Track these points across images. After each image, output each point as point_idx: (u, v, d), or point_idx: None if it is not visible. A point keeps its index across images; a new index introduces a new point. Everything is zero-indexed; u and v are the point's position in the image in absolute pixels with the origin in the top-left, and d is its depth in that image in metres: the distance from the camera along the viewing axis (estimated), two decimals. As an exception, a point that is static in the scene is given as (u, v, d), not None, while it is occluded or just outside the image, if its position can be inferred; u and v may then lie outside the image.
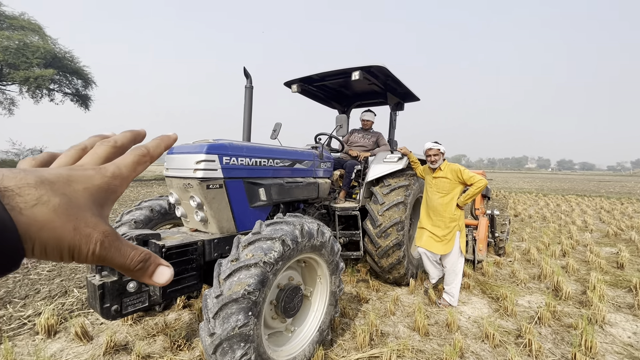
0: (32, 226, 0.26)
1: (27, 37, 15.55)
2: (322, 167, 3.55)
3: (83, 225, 0.29)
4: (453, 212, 3.24)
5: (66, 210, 0.28)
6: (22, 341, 2.55)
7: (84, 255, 0.29)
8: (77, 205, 0.29)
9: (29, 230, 0.26)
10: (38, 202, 0.26)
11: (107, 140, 0.37)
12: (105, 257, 0.30)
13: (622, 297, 3.66)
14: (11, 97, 18.18)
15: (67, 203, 0.28)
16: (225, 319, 1.68)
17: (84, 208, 0.30)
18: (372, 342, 2.65)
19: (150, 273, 0.34)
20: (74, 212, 0.29)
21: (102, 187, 0.32)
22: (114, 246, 0.31)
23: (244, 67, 3.33)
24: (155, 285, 0.38)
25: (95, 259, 0.29)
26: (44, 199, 0.27)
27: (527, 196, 15.40)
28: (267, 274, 1.81)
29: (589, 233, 7.03)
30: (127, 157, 0.35)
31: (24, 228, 0.25)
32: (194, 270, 2.27)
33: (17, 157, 19.14)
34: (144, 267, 0.33)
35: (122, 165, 0.34)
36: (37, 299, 3.25)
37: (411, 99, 4.58)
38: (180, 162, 2.38)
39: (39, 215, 0.26)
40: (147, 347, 2.51)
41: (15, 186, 0.26)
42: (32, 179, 0.27)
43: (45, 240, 0.27)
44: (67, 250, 0.28)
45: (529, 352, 2.53)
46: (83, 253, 0.29)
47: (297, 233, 2.03)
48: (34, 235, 0.26)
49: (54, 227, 0.27)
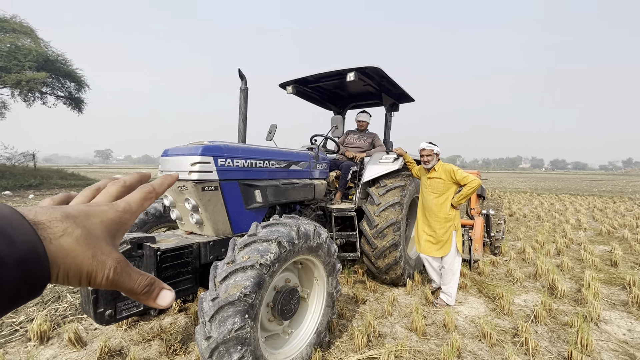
0: (59, 254, 0.30)
1: (18, 40, 15.34)
2: (318, 169, 3.55)
3: (99, 253, 0.33)
4: (448, 212, 3.25)
5: (86, 240, 0.32)
6: (14, 348, 2.50)
7: (99, 280, 0.33)
8: (95, 236, 0.33)
9: (56, 257, 0.30)
10: (64, 234, 0.31)
11: (118, 181, 0.43)
12: (117, 281, 0.34)
13: (616, 294, 3.69)
14: (2, 101, 17.92)
15: (87, 234, 0.32)
16: (222, 322, 1.67)
17: (100, 238, 0.34)
18: (370, 344, 2.64)
19: (155, 296, 0.37)
20: (92, 242, 0.33)
21: (115, 220, 0.36)
22: (124, 272, 0.35)
23: (239, 69, 3.32)
24: (158, 308, 0.42)
25: (108, 284, 0.33)
26: (69, 230, 0.31)
27: (522, 196, 15.53)
28: (264, 276, 1.80)
29: (583, 231, 7.11)
30: (136, 194, 0.41)
31: (53, 255, 0.29)
32: (190, 273, 2.25)
33: (9, 161, 18.86)
34: (149, 291, 0.37)
35: (132, 201, 0.39)
36: (29, 304, 3.19)
37: (406, 99, 4.60)
38: (174, 164, 2.36)
39: (65, 244, 0.30)
40: (143, 352, 2.48)
41: (46, 220, 0.30)
42: (59, 214, 0.31)
43: (68, 266, 0.31)
44: (86, 275, 0.32)
45: (526, 350, 2.53)
46: (99, 278, 0.32)
47: (294, 234, 2.02)
48: (59, 262, 0.30)
49: (76, 254, 0.31)
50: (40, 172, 18.26)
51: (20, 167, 18.39)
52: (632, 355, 2.51)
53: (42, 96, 17.70)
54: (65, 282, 0.31)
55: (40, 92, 17.00)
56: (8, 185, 14.37)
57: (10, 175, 15.89)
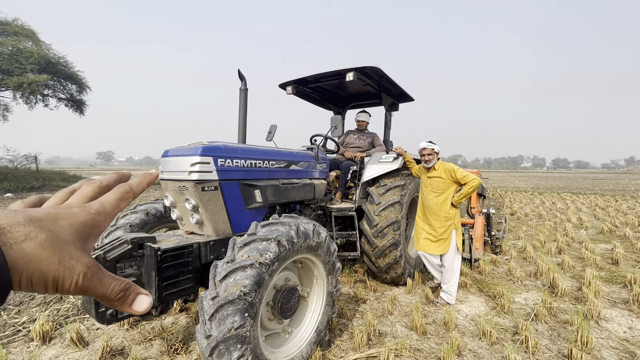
0: (20, 259, 0.28)
1: (20, 43, 15.43)
2: (317, 168, 3.56)
3: (67, 258, 0.31)
4: (448, 211, 3.26)
5: (51, 245, 0.30)
6: (17, 348, 2.52)
7: (67, 287, 0.31)
8: (62, 240, 0.31)
9: (17, 263, 0.28)
10: (26, 238, 0.29)
11: (93, 181, 0.40)
12: (88, 287, 0.32)
13: (617, 292, 3.69)
14: (5, 103, 18.02)
15: (52, 238, 0.30)
16: (222, 321, 1.68)
17: (69, 242, 0.32)
18: (370, 342, 2.65)
19: (130, 302, 0.35)
20: (59, 246, 0.31)
21: (87, 223, 0.34)
22: (96, 277, 0.33)
23: (239, 70, 3.34)
24: (133, 314, 0.41)
25: (77, 290, 0.31)
26: (32, 235, 0.29)
27: (523, 195, 15.49)
28: (263, 275, 1.81)
29: (584, 230, 7.10)
30: (111, 194, 0.38)
31: (13, 261, 0.28)
32: (190, 273, 2.26)
33: (12, 163, 18.95)
34: (124, 297, 0.35)
35: (106, 202, 0.37)
36: (31, 305, 3.21)
37: (405, 99, 4.61)
38: (175, 164, 2.38)
39: (27, 249, 0.29)
40: (144, 352, 2.49)
41: (7, 224, 0.29)
42: (21, 218, 0.30)
43: (31, 272, 0.29)
44: (52, 281, 0.30)
45: (526, 348, 2.54)
46: (66, 284, 0.31)
47: (293, 234, 2.03)
48: (21, 267, 0.28)
49: (40, 260, 0.29)
50: (43, 174, 18.34)
51: (23, 169, 18.47)
52: (633, 353, 2.51)
53: (44, 98, 17.79)
54: (30, 289, 0.30)
55: (42, 94, 17.10)
56: (10, 187, 14.43)
57: (12, 177, 15.96)
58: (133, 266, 2.14)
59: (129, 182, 0.42)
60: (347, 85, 4.41)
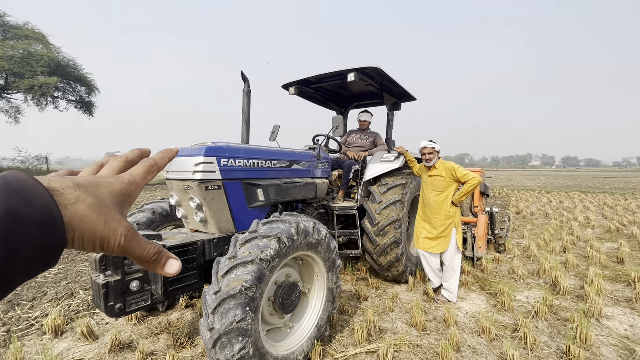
0: (74, 219, 0.31)
1: (31, 46, 15.80)
2: (319, 168, 3.62)
3: (111, 220, 0.34)
4: (448, 210, 3.29)
5: (98, 208, 0.33)
6: (30, 341, 2.63)
7: (112, 246, 0.34)
8: (105, 204, 0.35)
9: (71, 222, 0.31)
10: (77, 200, 0.32)
11: (120, 156, 0.44)
12: (128, 248, 0.35)
13: (620, 291, 3.68)
14: (16, 106, 18.46)
15: (98, 202, 0.34)
16: (224, 314, 1.75)
17: (110, 207, 0.35)
18: (370, 338, 2.70)
19: (163, 264, 0.39)
20: (104, 209, 0.34)
21: (122, 192, 0.38)
22: (134, 239, 0.36)
23: (242, 71, 3.41)
24: (166, 276, 0.46)
25: (120, 250, 0.35)
26: (82, 197, 0.32)
27: (530, 193, 15.34)
28: (264, 271, 1.88)
29: (591, 229, 7.04)
30: (139, 167, 0.42)
31: (68, 220, 0.31)
32: (195, 269, 2.34)
33: (23, 164, 19.40)
34: (157, 259, 0.38)
35: (135, 174, 0.41)
36: (44, 300, 3.34)
37: (407, 98, 4.63)
38: (179, 164, 2.46)
39: (79, 210, 0.32)
40: (151, 345, 2.58)
41: (60, 187, 0.31)
42: (71, 182, 0.33)
43: (83, 232, 0.32)
44: (99, 241, 0.33)
45: (524, 345, 2.56)
46: (111, 244, 0.34)
47: (293, 231, 2.10)
48: (74, 226, 0.31)
49: (90, 220, 0.32)
50: (53, 175, 18.73)
51: (34, 170, 18.89)
52: (632, 350, 2.52)
53: (54, 100, 18.16)
54: (80, 247, 0.32)
55: (52, 96, 17.47)
56: (22, 187, 14.76)
57: (24, 177, 16.31)
58: (140, 262, 2.23)
59: (153, 156, 0.45)
60: (349, 86, 4.46)
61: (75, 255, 4.92)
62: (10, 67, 14.66)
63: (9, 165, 19.09)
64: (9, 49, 15.02)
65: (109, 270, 2.10)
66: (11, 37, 16.03)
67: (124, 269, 2.12)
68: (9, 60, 14.61)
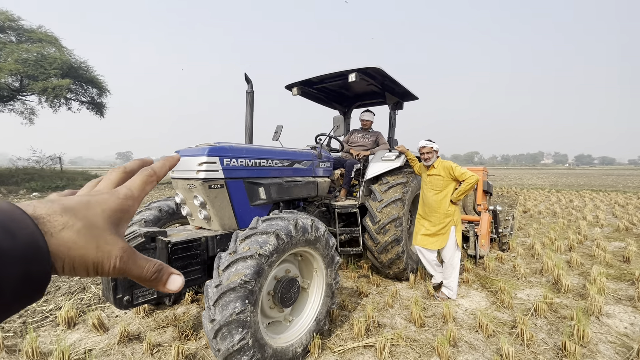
0: (61, 247, 0.30)
1: (44, 49, 16.24)
2: (321, 167, 3.69)
3: (103, 244, 0.33)
4: (447, 208, 3.33)
5: (88, 232, 0.32)
6: (45, 332, 2.78)
7: (106, 270, 0.33)
8: (97, 226, 0.33)
9: (58, 250, 0.30)
10: (64, 227, 0.31)
11: (118, 168, 0.42)
12: (125, 269, 0.34)
13: (624, 289, 3.66)
14: (31, 107, 19.00)
15: (88, 226, 0.32)
16: (224, 306, 1.84)
17: (103, 228, 0.34)
18: (369, 333, 2.77)
19: (164, 282, 0.37)
20: (95, 233, 0.33)
21: (117, 209, 0.36)
22: (131, 260, 0.35)
23: (245, 73, 3.50)
24: (169, 293, 0.48)
25: (116, 272, 0.34)
26: (69, 223, 0.31)
27: (539, 192, 15.14)
28: (263, 266, 1.96)
29: (599, 228, 6.95)
30: (136, 178, 0.40)
31: (55, 248, 0.29)
32: (198, 264, 2.44)
33: (38, 164, 19.95)
34: (158, 277, 0.37)
35: (133, 186, 0.39)
36: (57, 294, 3.50)
37: (409, 98, 4.67)
38: (184, 164, 2.56)
39: (66, 237, 0.30)
40: (158, 337, 2.70)
41: (46, 214, 0.30)
42: (58, 208, 0.31)
43: (73, 259, 0.31)
44: (92, 266, 0.32)
45: (521, 341, 2.60)
46: (105, 268, 0.33)
47: (291, 228, 2.18)
48: (63, 255, 0.30)
49: (79, 246, 0.31)
50: (66, 174, 19.24)
51: (48, 170, 19.42)
52: (630, 347, 2.53)
53: (67, 102, 18.63)
54: (72, 274, 0.31)
55: (65, 98, 17.91)
56: (37, 187, 15.24)
57: (38, 177, 16.82)
58: (146, 258, 2.34)
59: (152, 165, 0.43)
60: (351, 86, 4.51)
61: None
62: (25, 70, 15.11)
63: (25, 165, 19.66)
64: (24, 52, 15.49)
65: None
66: (25, 41, 16.52)
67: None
68: (23, 63, 15.06)
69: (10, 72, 14.91)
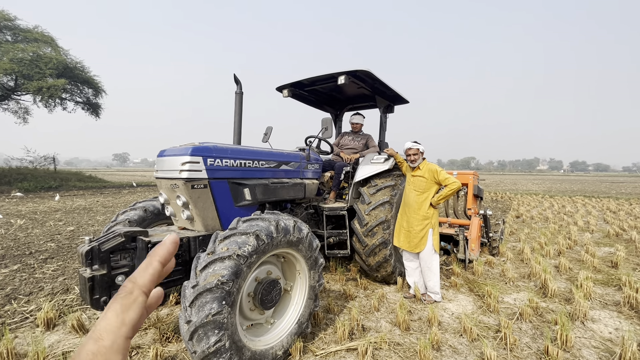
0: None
1: (40, 49, 16.18)
2: (309, 169, 3.68)
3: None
4: (427, 210, 3.34)
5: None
6: (23, 333, 2.72)
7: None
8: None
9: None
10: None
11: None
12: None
13: (610, 294, 3.67)
14: (25, 107, 18.88)
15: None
16: (201, 308, 1.81)
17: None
18: (353, 336, 2.74)
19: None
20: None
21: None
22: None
23: (234, 74, 3.50)
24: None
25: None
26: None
27: (533, 198, 15.21)
28: (241, 267, 1.94)
29: (590, 233, 6.98)
30: (135, 311, 0.38)
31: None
32: (179, 265, 2.42)
33: (32, 164, 19.78)
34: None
35: (134, 323, 0.37)
36: (40, 295, 3.44)
37: (400, 101, 4.68)
38: (167, 163, 2.54)
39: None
40: (138, 339, 2.65)
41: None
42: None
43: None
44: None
45: (505, 345, 2.59)
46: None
47: (272, 229, 2.16)
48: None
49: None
50: (60, 175, 19.08)
51: (42, 170, 19.26)
52: (613, 352, 2.52)
53: (62, 102, 18.54)
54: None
55: (60, 98, 17.82)
56: (30, 187, 15.09)
57: (31, 177, 16.68)
58: (127, 258, 2.31)
59: (145, 281, 0.40)
60: (343, 88, 4.52)
61: (74, 253, 5.03)
62: (20, 70, 15.02)
63: (18, 165, 19.49)
64: (19, 51, 15.41)
65: (95, 265, 2.18)
66: (21, 40, 16.45)
67: (110, 264, 2.20)
68: (19, 62, 14.97)
69: (5, 72, 14.82)
